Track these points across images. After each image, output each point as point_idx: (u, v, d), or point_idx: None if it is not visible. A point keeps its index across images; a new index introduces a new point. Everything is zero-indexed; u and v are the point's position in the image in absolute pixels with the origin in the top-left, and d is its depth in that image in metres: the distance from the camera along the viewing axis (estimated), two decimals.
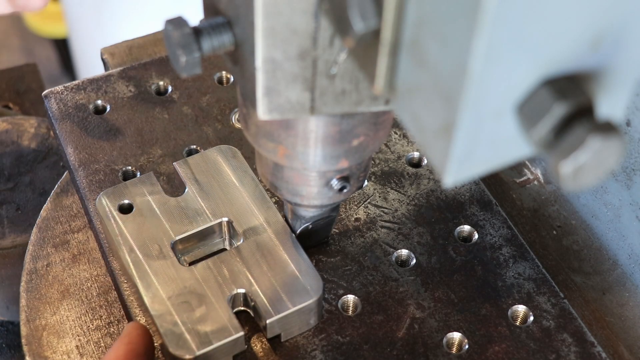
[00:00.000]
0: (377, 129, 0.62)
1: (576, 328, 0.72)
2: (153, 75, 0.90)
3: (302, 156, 0.62)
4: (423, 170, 0.83)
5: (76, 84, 0.89)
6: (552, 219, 0.84)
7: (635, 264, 0.78)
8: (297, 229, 0.73)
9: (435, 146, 0.45)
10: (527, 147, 0.45)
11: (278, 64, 0.51)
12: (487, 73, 0.40)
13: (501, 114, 0.43)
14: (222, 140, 0.84)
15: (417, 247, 0.77)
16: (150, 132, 0.85)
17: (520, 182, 0.86)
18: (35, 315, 0.77)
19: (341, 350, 0.70)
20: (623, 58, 0.44)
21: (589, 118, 0.41)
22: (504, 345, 0.70)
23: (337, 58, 0.51)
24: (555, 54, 0.42)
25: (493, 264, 0.76)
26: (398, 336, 0.71)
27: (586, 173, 0.41)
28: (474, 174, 0.46)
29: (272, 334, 0.69)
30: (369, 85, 0.52)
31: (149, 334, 0.67)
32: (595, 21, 0.41)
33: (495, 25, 0.38)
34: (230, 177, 0.76)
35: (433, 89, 0.43)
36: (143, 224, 0.73)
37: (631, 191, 0.76)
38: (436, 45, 0.42)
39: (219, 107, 0.88)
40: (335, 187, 0.66)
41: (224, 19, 0.53)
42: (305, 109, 0.54)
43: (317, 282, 0.70)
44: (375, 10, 0.44)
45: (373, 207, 0.80)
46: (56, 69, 2.46)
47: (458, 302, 0.73)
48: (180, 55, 0.53)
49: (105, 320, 0.76)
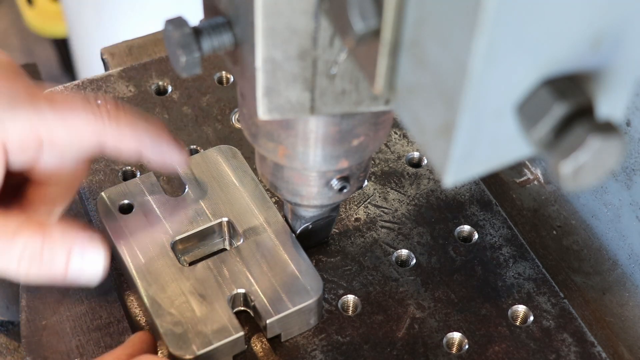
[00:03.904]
0: (377, 129, 0.62)
1: (576, 328, 0.72)
2: (153, 75, 0.90)
3: (302, 156, 0.62)
4: (423, 170, 0.83)
5: (76, 84, 0.89)
6: (552, 219, 0.84)
7: (635, 264, 0.78)
8: (297, 229, 0.73)
9: (435, 146, 0.45)
10: (527, 147, 0.45)
11: (278, 64, 0.51)
12: (487, 73, 0.40)
13: (501, 114, 0.43)
14: (222, 140, 0.84)
15: (417, 247, 0.77)
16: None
17: (520, 182, 0.86)
18: (35, 315, 0.77)
19: (341, 350, 0.70)
20: (623, 58, 0.44)
21: (589, 118, 0.41)
22: (504, 345, 0.70)
23: (337, 58, 0.51)
24: (555, 54, 0.42)
25: (493, 264, 0.76)
26: (398, 336, 0.71)
27: (586, 173, 0.41)
28: (474, 174, 0.46)
29: (272, 334, 0.69)
30: (369, 85, 0.52)
31: (154, 345, 0.67)
32: (595, 21, 0.41)
33: (495, 25, 0.38)
34: (230, 177, 0.76)
35: (433, 89, 0.43)
36: (143, 224, 0.73)
37: (631, 191, 0.76)
38: (436, 45, 0.42)
39: (219, 107, 0.88)
40: (335, 187, 0.66)
41: (224, 19, 0.53)
42: (305, 109, 0.54)
43: (317, 282, 0.70)
44: (375, 10, 0.44)
45: (373, 207, 0.80)
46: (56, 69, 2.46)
47: (458, 302, 0.73)
48: (180, 55, 0.53)
49: (105, 320, 0.76)
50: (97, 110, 0.61)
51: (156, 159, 0.67)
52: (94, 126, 0.60)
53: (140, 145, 0.64)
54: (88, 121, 0.60)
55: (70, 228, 0.60)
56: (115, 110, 0.62)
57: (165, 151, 0.66)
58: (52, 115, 0.59)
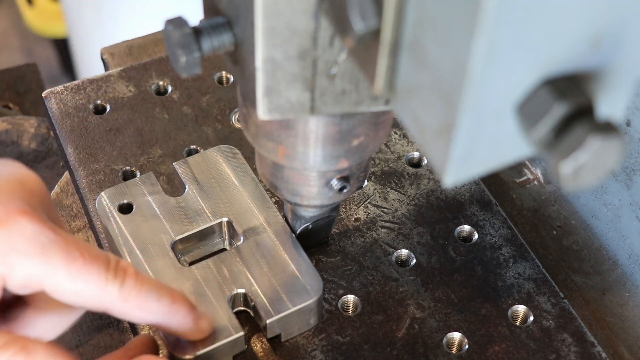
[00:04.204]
0: (377, 129, 0.62)
1: (576, 328, 0.72)
2: (153, 75, 0.90)
3: (302, 156, 0.62)
4: (423, 170, 0.83)
5: (76, 84, 0.89)
6: (552, 219, 0.84)
7: (635, 264, 0.78)
8: (297, 229, 0.73)
9: (435, 146, 0.45)
10: (527, 147, 0.45)
11: (278, 64, 0.51)
12: (487, 73, 0.40)
13: (501, 114, 0.43)
14: (222, 140, 0.84)
15: (417, 247, 0.77)
16: (150, 132, 0.85)
17: (520, 182, 0.86)
18: None
19: (341, 350, 0.70)
20: (623, 58, 0.44)
21: (589, 118, 0.41)
22: (504, 345, 0.70)
23: (337, 58, 0.51)
24: (555, 54, 0.42)
25: (493, 264, 0.76)
26: (398, 336, 0.71)
27: (586, 173, 0.41)
28: (474, 174, 0.46)
29: (272, 334, 0.69)
30: (369, 85, 0.52)
31: (156, 347, 0.66)
32: (595, 21, 0.41)
33: (495, 25, 0.38)
34: (230, 177, 0.76)
35: (433, 89, 0.43)
36: (143, 224, 0.73)
37: (631, 191, 0.76)
38: (436, 45, 0.42)
39: (219, 107, 0.88)
40: (335, 187, 0.66)
41: (224, 19, 0.53)
42: (305, 109, 0.54)
43: (317, 282, 0.70)
44: (375, 10, 0.44)
45: (373, 207, 0.80)
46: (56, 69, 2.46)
47: (458, 302, 0.73)
48: (180, 55, 0.53)
49: (105, 320, 0.76)
50: (112, 278, 0.59)
51: (164, 330, 0.65)
52: (102, 297, 0.59)
53: (147, 321, 0.62)
54: (98, 290, 0.58)
55: (55, 351, 0.57)
56: (132, 283, 0.59)
57: (176, 325, 0.64)
58: (63, 273, 0.57)
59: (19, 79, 1.35)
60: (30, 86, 1.35)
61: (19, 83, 1.34)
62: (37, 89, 1.33)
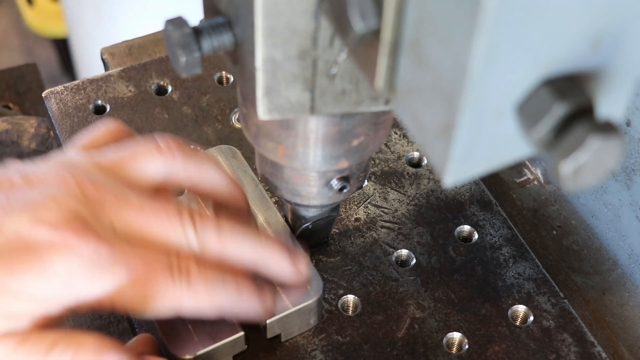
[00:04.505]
0: (377, 129, 0.62)
1: (576, 328, 0.72)
2: (153, 75, 0.90)
3: (302, 156, 0.62)
4: (423, 170, 0.83)
5: (76, 84, 0.89)
6: (552, 219, 0.84)
7: (635, 264, 0.78)
8: (297, 229, 0.73)
9: (435, 146, 0.45)
10: (527, 147, 0.45)
11: (278, 64, 0.51)
12: (487, 73, 0.40)
13: (501, 114, 0.43)
14: (222, 140, 0.84)
15: (417, 247, 0.77)
16: (150, 132, 0.85)
17: (520, 182, 0.86)
18: None
19: (341, 350, 0.70)
20: (623, 58, 0.44)
21: (589, 118, 0.41)
22: (504, 345, 0.70)
23: (337, 58, 0.51)
24: (555, 54, 0.42)
25: (493, 264, 0.76)
26: (398, 336, 0.71)
27: (586, 173, 0.41)
28: (474, 174, 0.46)
29: (272, 334, 0.69)
30: (369, 85, 0.52)
31: (157, 348, 0.66)
32: (595, 21, 0.41)
33: (495, 25, 0.38)
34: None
35: (433, 89, 0.43)
36: None
37: (631, 191, 0.76)
38: (436, 45, 0.42)
39: (219, 107, 0.88)
40: (335, 187, 0.66)
41: (224, 19, 0.53)
42: (305, 109, 0.54)
43: (317, 282, 0.70)
44: (375, 10, 0.44)
45: (373, 207, 0.80)
46: (56, 69, 2.46)
47: (458, 302, 0.73)
48: (180, 55, 0.53)
49: (105, 320, 0.76)
50: (177, 275, 0.59)
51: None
52: (171, 298, 0.59)
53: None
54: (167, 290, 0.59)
55: (104, 342, 0.58)
56: (196, 274, 0.60)
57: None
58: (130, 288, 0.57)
59: (19, 79, 1.35)
60: (30, 86, 1.34)
61: (19, 83, 1.34)
62: (37, 89, 1.33)
